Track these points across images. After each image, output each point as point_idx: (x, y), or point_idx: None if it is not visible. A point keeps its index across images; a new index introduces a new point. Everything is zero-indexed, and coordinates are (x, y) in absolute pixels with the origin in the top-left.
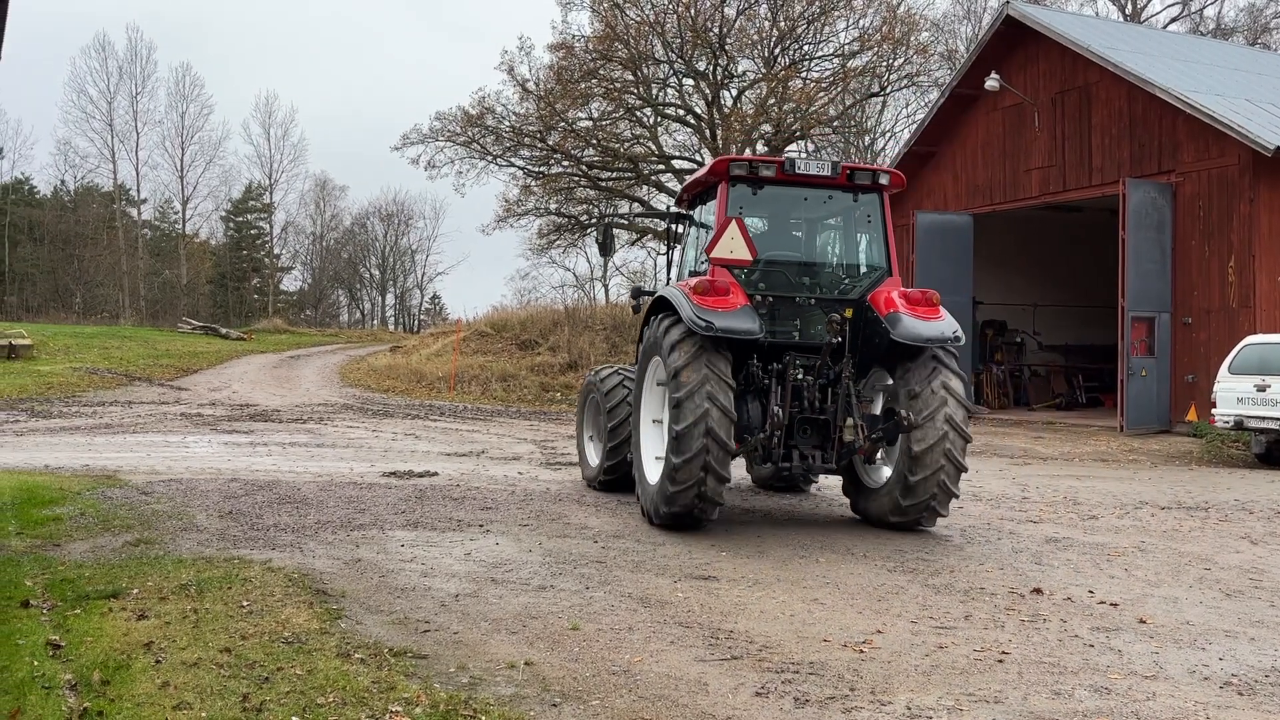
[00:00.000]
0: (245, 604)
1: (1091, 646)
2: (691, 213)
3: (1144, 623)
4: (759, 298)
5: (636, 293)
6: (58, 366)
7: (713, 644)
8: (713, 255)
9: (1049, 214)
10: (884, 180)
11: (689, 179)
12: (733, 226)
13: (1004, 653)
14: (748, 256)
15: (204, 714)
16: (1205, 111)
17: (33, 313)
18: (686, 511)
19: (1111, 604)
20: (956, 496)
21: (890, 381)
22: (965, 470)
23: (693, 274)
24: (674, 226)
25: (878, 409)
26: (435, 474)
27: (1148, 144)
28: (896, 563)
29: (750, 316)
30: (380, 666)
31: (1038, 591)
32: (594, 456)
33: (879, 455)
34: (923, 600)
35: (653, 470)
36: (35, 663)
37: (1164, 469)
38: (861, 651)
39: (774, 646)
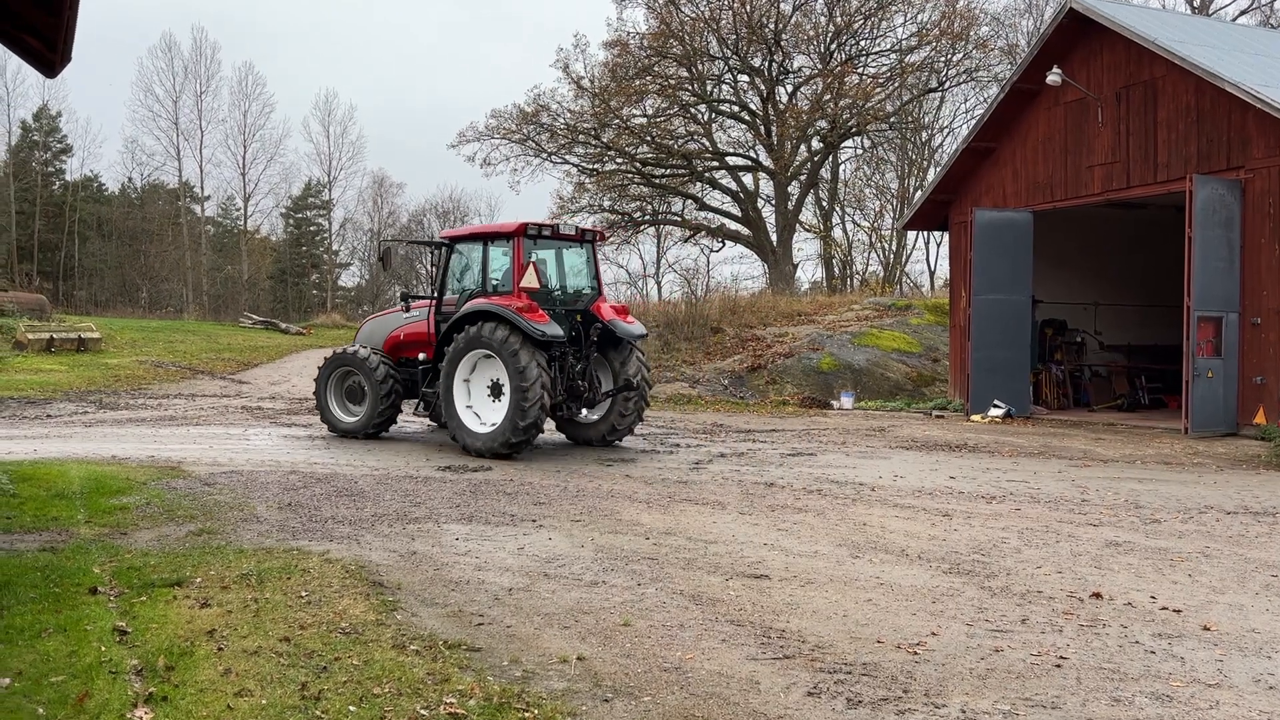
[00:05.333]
0: (304, 594)
1: (1153, 653)
2: (462, 248)
3: (1208, 630)
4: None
5: (404, 296)
6: (124, 359)
7: (764, 643)
8: (521, 286)
9: (1112, 211)
10: (598, 238)
11: (478, 227)
12: (531, 268)
13: (1062, 657)
14: (537, 286)
15: (264, 701)
16: (1277, 106)
17: (101, 306)
18: (521, 445)
19: (1174, 610)
20: (643, 421)
21: (591, 360)
22: (649, 406)
23: (480, 292)
24: (437, 252)
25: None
26: (489, 469)
27: (1216, 139)
28: (952, 564)
29: (556, 326)
30: (435, 658)
31: (1097, 596)
32: (343, 413)
33: (594, 404)
34: (979, 602)
35: (470, 421)
36: (103, 648)
37: (1230, 473)
38: (915, 653)
39: (826, 646)
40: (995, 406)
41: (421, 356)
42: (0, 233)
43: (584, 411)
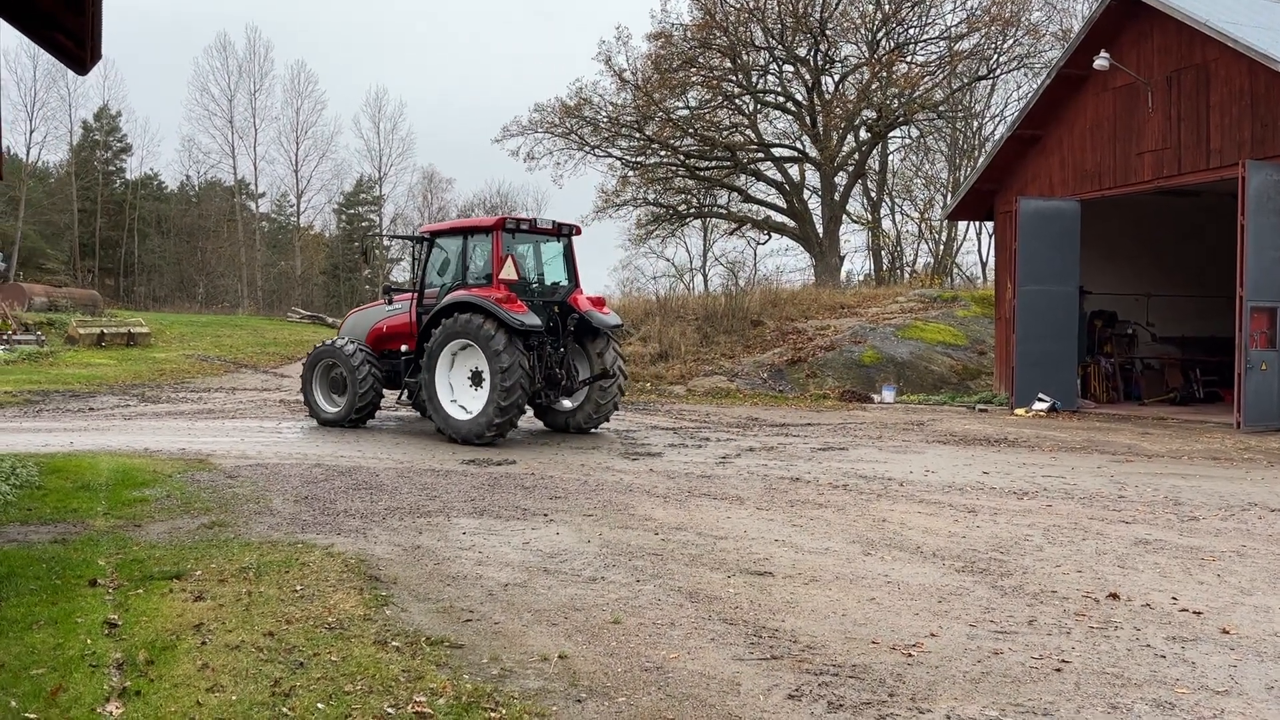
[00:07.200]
0: (298, 588)
1: (1163, 657)
2: (443, 242)
3: (1227, 633)
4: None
5: (387, 289)
6: (172, 354)
7: (754, 642)
8: (500, 278)
9: (1163, 199)
10: (574, 232)
11: (458, 221)
12: (509, 261)
13: (1064, 661)
14: (515, 278)
15: (234, 697)
16: None
17: (159, 302)
18: (505, 428)
19: (1194, 612)
20: (618, 409)
21: (567, 350)
22: (624, 394)
23: (460, 284)
24: (418, 247)
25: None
26: (513, 462)
27: (1271, 124)
28: (967, 562)
29: (534, 316)
30: (414, 655)
31: (1114, 596)
32: (326, 404)
33: (572, 392)
34: (987, 602)
35: (452, 409)
36: (89, 641)
37: None
38: (910, 655)
39: (818, 647)
40: (1040, 400)
41: (404, 348)
42: (63, 230)
43: (563, 400)
